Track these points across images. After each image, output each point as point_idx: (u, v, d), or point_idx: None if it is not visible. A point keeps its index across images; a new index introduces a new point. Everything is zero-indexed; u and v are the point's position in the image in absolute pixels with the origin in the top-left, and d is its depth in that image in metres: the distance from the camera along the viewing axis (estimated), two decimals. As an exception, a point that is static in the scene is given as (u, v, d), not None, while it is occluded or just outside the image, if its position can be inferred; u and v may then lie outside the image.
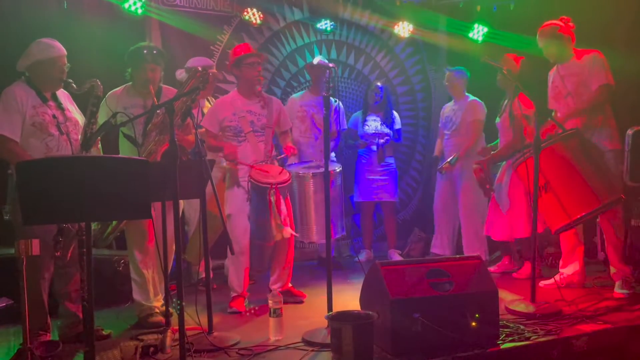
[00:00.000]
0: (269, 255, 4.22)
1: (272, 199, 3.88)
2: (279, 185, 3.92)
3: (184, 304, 2.93)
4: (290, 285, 4.35)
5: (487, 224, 5.12)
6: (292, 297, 4.28)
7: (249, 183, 3.98)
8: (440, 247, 5.61)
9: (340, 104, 5.47)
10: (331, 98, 5.35)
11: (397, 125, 5.77)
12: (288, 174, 4.08)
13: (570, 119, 4.12)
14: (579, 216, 3.85)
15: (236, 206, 4.13)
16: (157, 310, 3.84)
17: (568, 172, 3.88)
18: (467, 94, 5.47)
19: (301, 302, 4.28)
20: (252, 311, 4.07)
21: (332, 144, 5.37)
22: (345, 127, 5.59)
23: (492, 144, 5.15)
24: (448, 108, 5.59)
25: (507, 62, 4.81)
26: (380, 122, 5.67)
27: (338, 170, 4.40)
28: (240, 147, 4.14)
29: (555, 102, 4.37)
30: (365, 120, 5.72)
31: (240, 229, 4.09)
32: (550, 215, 4.00)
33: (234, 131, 4.17)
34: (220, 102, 4.33)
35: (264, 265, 4.32)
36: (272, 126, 4.26)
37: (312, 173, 4.31)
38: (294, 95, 5.53)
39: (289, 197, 4.21)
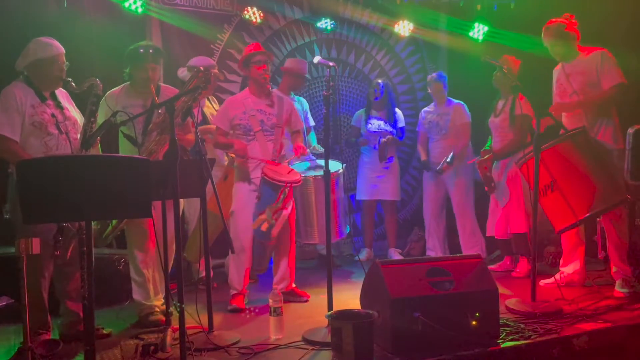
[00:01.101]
0: (270, 254, 4.22)
1: (282, 197, 3.87)
2: (293, 185, 3.93)
3: (184, 303, 2.93)
4: (294, 285, 4.36)
5: (490, 225, 5.13)
6: (295, 297, 4.29)
7: (262, 179, 3.97)
8: (432, 249, 5.64)
9: (305, 101, 5.49)
10: (296, 96, 5.40)
11: (401, 124, 5.75)
12: (299, 175, 4.07)
13: (584, 105, 4.11)
14: (585, 215, 3.84)
15: (241, 203, 4.12)
16: (158, 309, 3.83)
17: (575, 171, 3.87)
18: (448, 97, 5.48)
19: (305, 301, 4.28)
20: (255, 311, 4.06)
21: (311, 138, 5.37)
22: (313, 124, 5.56)
23: (486, 146, 5.12)
24: (430, 114, 5.56)
25: (506, 63, 4.81)
26: (383, 121, 5.67)
27: (340, 171, 4.39)
28: (249, 145, 4.14)
29: (560, 100, 4.36)
30: (367, 119, 5.72)
31: (242, 227, 4.09)
32: (556, 215, 3.98)
33: (243, 129, 4.17)
34: (232, 100, 4.34)
35: (265, 264, 4.32)
36: (282, 126, 4.26)
37: (314, 176, 4.31)
38: None
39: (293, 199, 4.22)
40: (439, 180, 5.47)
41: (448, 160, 5.24)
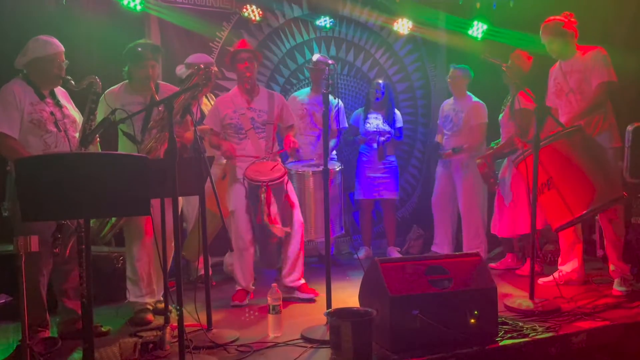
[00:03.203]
0: (276, 251, 4.20)
1: (263, 196, 3.87)
2: (270, 183, 3.91)
3: (182, 302, 2.93)
4: (302, 281, 4.25)
5: (494, 222, 5.12)
6: (303, 294, 4.21)
7: (244, 182, 3.98)
8: (440, 245, 5.60)
9: (341, 102, 5.48)
10: (331, 97, 5.38)
11: (399, 124, 5.76)
12: (282, 171, 4.05)
13: (577, 120, 4.10)
14: (581, 213, 3.83)
15: (238, 202, 4.12)
16: (150, 307, 3.84)
17: (571, 169, 3.86)
18: (468, 93, 5.42)
19: (313, 300, 4.18)
20: (255, 309, 4.06)
21: (333, 142, 5.37)
22: (346, 125, 5.58)
23: (493, 143, 5.13)
24: (448, 106, 5.54)
25: (518, 59, 4.80)
26: (382, 120, 5.67)
27: (338, 169, 4.40)
28: (241, 144, 4.14)
29: (556, 99, 4.35)
30: (366, 118, 5.72)
31: (243, 225, 4.09)
32: (552, 213, 3.98)
33: (234, 128, 4.17)
34: (221, 100, 4.33)
35: (273, 262, 4.30)
36: (273, 122, 4.26)
37: (312, 171, 4.30)
38: (296, 94, 5.52)
39: (289, 194, 4.20)
40: (450, 175, 5.44)
41: (454, 148, 5.23)
